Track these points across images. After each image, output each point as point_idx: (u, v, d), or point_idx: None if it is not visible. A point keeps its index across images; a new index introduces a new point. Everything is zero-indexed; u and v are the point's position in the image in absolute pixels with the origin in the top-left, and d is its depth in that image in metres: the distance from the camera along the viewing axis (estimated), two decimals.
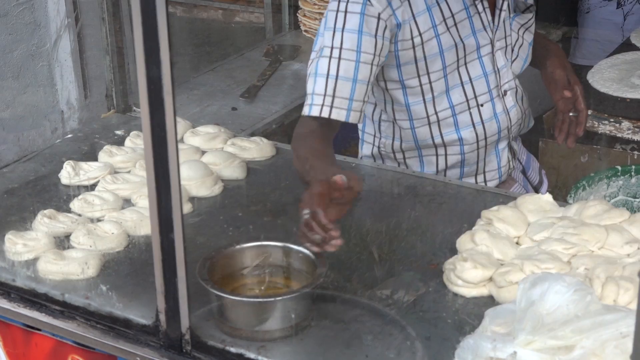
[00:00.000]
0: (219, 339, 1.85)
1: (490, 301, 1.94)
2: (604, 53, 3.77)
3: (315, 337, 1.86)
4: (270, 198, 2.42)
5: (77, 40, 3.46)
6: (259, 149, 2.63)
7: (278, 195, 2.43)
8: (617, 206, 2.33)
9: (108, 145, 2.64)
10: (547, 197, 2.20)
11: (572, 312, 1.67)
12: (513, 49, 2.50)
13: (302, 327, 1.87)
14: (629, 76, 3.42)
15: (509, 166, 2.59)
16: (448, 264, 2.02)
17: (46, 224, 2.24)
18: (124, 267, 2.13)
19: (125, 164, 2.55)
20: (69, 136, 2.86)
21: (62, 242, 2.20)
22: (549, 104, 2.89)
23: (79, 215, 2.31)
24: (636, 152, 3.13)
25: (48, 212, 2.28)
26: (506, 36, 2.47)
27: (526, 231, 2.11)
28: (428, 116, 2.42)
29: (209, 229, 2.27)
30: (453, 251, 2.09)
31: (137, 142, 2.66)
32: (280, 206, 2.37)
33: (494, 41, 2.43)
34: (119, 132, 2.83)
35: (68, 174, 2.49)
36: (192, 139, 2.67)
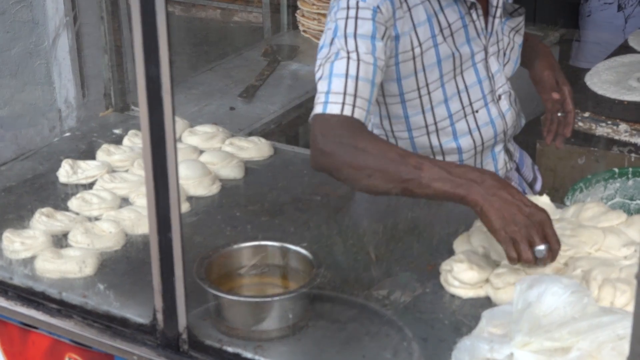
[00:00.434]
0: (216, 338, 1.86)
1: (487, 302, 1.94)
2: (605, 56, 3.77)
3: (312, 337, 1.87)
4: (268, 198, 2.42)
5: (75, 39, 3.45)
6: (257, 149, 2.63)
7: (276, 195, 2.43)
8: (614, 208, 2.33)
9: (106, 144, 2.64)
10: (545, 198, 2.20)
11: (569, 313, 1.67)
12: (505, 53, 2.50)
13: (299, 327, 1.87)
14: (626, 79, 3.42)
15: (506, 168, 2.59)
16: (445, 265, 2.02)
17: (44, 222, 2.24)
18: (121, 265, 2.13)
19: (123, 163, 2.55)
20: (67, 134, 2.86)
21: (60, 241, 2.20)
22: None
23: (77, 213, 2.31)
24: (633, 155, 3.13)
25: (46, 210, 2.28)
26: (498, 41, 2.47)
27: None
28: (427, 126, 2.41)
29: (206, 228, 2.27)
30: (450, 252, 2.09)
31: (135, 141, 2.66)
32: (277, 206, 2.37)
33: (487, 47, 2.43)
34: (117, 130, 2.82)
35: (66, 172, 2.48)
36: (190, 139, 2.67)
